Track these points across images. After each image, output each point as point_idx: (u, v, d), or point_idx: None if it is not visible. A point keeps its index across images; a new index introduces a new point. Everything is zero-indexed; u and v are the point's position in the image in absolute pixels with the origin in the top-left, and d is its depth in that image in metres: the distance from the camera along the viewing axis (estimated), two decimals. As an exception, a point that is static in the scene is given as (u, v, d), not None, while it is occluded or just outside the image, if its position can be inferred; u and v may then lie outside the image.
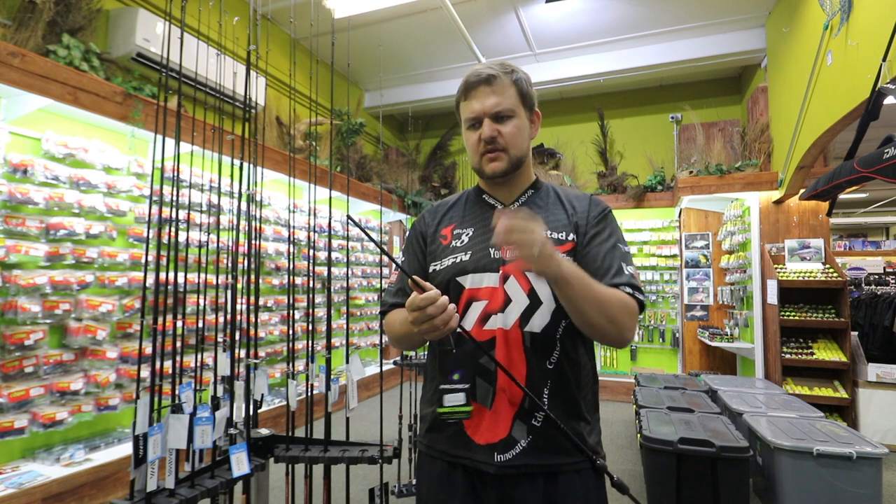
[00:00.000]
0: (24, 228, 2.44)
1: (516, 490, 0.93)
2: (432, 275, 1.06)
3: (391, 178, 6.32)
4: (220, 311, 2.44)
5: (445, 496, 0.98)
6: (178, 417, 1.40)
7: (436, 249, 1.08)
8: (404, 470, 2.98)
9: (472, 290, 1.00)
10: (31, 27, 2.63)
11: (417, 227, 1.15)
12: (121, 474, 2.64)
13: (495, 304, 0.97)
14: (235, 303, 1.76)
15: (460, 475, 0.98)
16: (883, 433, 3.61)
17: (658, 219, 5.57)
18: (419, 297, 0.84)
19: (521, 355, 0.95)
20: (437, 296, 0.84)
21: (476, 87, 1.00)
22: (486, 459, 0.93)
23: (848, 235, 13.73)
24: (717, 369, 4.91)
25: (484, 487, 0.96)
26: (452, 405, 0.88)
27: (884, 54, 2.42)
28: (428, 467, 1.03)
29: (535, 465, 0.93)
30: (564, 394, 0.96)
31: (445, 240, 1.07)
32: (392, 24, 4.86)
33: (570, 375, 0.97)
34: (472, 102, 1.01)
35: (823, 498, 2.33)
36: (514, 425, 0.94)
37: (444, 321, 0.84)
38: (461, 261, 1.02)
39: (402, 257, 1.16)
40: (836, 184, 2.69)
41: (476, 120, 1.01)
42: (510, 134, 1.00)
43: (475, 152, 1.03)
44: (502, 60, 1.04)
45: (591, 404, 1.02)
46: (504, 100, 0.99)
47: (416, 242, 1.13)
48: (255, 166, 2.04)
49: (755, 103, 4.89)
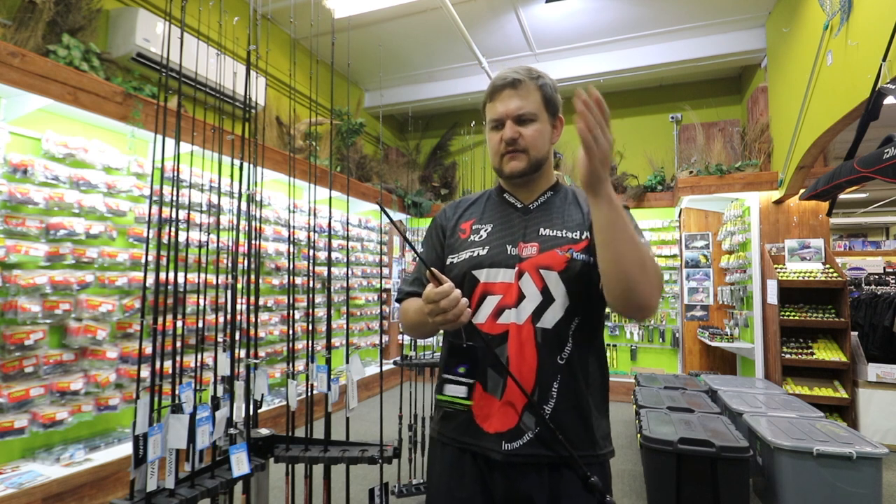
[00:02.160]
0: (24, 228, 2.44)
1: (522, 479, 0.96)
2: (449, 267, 1.09)
3: (391, 178, 6.32)
4: (220, 311, 2.44)
5: (455, 482, 1.02)
6: (178, 417, 1.40)
7: (454, 243, 1.11)
8: (404, 470, 2.98)
9: (487, 283, 1.03)
10: (31, 27, 2.62)
11: (438, 219, 1.19)
12: (121, 474, 2.64)
13: (509, 300, 1.00)
14: (235, 303, 1.76)
15: (469, 462, 1.01)
16: (883, 433, 3.61)
17: (658, 219, 5.57)
18: (434, 289, 0.88)
19: (533, 350, 0.98)
20: (450, 289, 0.88)
21: (501, 90, 1.04)
22: (494, 447, 0.96)
23: (848, 235, 13.73)
24: (717, 369, 4.91)
25: (491, 474, 0.99)
26: (453, 395, 0.93)
27: (884, 54, 2.42)
28: (440, 453, 1.07)
29: (543, 455, 0.95)
30: (574, 388, 0.98)
31: (464, 234, 1.11)
32: (392, 24, 4.86)
33: (580, 371, 0.99)
34: (497, 104, 1.05)
35: (823, 498, 2.33)
36: (524, 416, 0.96)
37: (455, 315, 0.88)
38: (478, 255, 1.05)
39: (421, 248, 1.19)
40: (836, 184, 2.69)
41: (499, 121, 1.05)
42: (531, 136, 1.03)
43: (496, 153, 1.07)
44: (530, 67, 1.08)
45: (600, 399, 1.03)
46: (527, 104, 1.03)
47: (436, 234, 1.17)
48: (255, 166, 2.04)
49: (755, 103, 4.89)
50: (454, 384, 0.93)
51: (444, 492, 1.04)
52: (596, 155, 0.80)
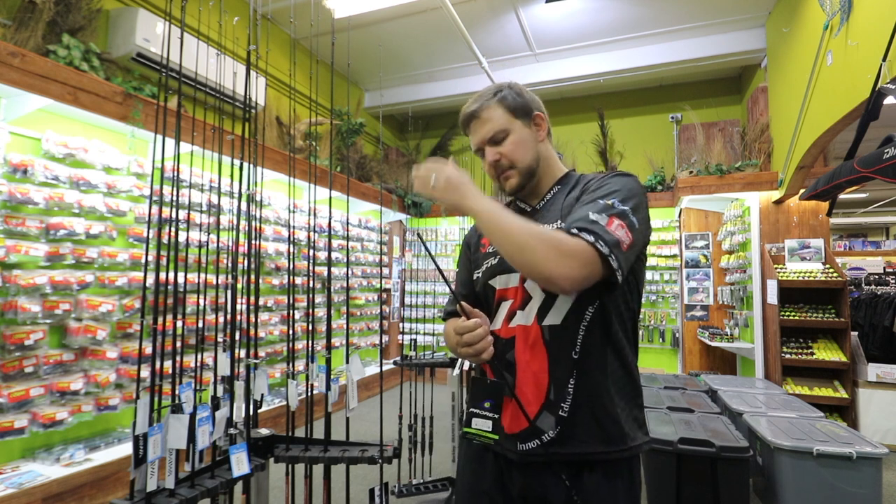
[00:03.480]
0: (24, 228, 2.44)
1: (539, 479, 0.97)
2: (476, 282, 1.15)
3: (391, 178, 6.32)
4: (220, 311, 2.44)
5: (476, 478, 1.07)
6: (178, 417, 1.40)
7: (477, 258, 1.16)
8: (404, 470, 2.98)
9: (502, 290, 1.07)
10: (31, 27, 2.62)
11: (467, 238, 1.25)
12: (121, 474, 2.64)
13: (518, 303, 1.03)
14: (235, 303, 1.76)
15: (491, 460, 1.04)
16: (883, 433, 3.61)
17: (658, 219, 5.56)
18: (461, 324, 0.96)
19: (542, 349, 0.98)
20: (475, 325, 0.95)
21: (468, 125, 1.11)
22: (511, 447, 0.99)
23: (848, 235, 13.73)
24: (717, 369, 4.91)
25: (510, 473, 1.01)
26: (479, 429, 0.98)
27: (884, 54, 2.42)
28: (466, 448, 1.12)
29: (562, 453, 0.95)
30: (593, 381, 0.96)
31: (483, 248, 1.15)
32: (392, 24, 4.86)
33: (597, 363, 0.96)
34: (471, 137, 1.12)
35: (823, 498, 2.32)
36: (540, 416, 0.96)
37: (476, 351, 0.95)
38: (491, 265, 1.09)
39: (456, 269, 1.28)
40: (836, 184, 2.69)
41: (479, 150, 1.11)
42: (510, 150, 1.06)
43: (491, 176, 1.13)
44: (490, 85, 1.12)
45: (626, 388, 0.99)
46: (493, 124, 1.06)
47: (465, 254, 1.23)
48: (255, 166, 2.04)
49: (755, 103, 4.89)
50: (480, 418, 0.98)
51: (467, 484, 1.09)
52: (433, 193, 0.96)
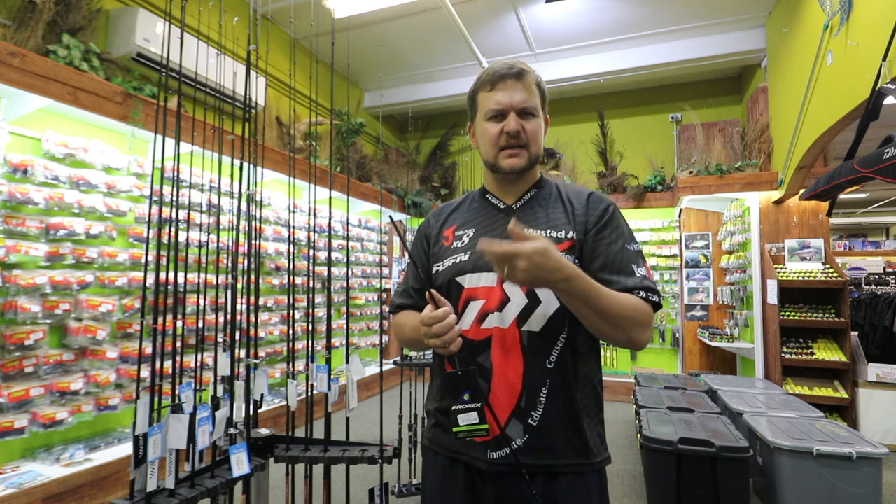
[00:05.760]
0: (24, 228, 2.44)
1: (511, 488, 0.94)
2: (435, 276, 1.07)
3: (391, 178, 6.32)
4: (220, 311, 2.44)
5: (447, 492, 1.01)
6: (178, 417, 1.40)
7: (438, 251, 1.09)
8: (404, 470, 2.98)
9: (471, 289, 1.00)
10: (31, 27, 2.62)
11: (422, 229, 1.17)
12: (121, 474, 2.64)
13: (492, 304, 0.97)
14: (235, 303, 1.76)
15: (461, 471, 0.99)
16: (883, 433, 3.61)
17: (658, 219, 5.57)
18: (430, 314, 0.89)
19: (519, 354, 0.95)
20: (444, 315, 0.88)
21: (505, 79, 0.99)
22: (480, 456, 0.95)
23: (848, 235, 13.73)
24: (717, 369, 4.91)
25: (483, 484, 0.97)
26: (468, 424, 0.91)
27: (884, 54, 2.42)
28: (432, 462, 1.06)
29: (531, 464, 0.93)
30: (564, 393, 0.95)
31: (447, 241, 1.09)
32: (392, 24, 4.86)
33: (571, 375, 0.96)
34: (498, 94, 0.99)
35: (823, 498, 2.32)
36: (510, 423, 0.94)
37: (446, 341, 0.88)
38: (460, 261, 1.03)
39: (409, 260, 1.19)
40: (836, 184, 2.69)
41: (500, 112, 0.99)
42: (533, 132, 1.00)
43: (493, 145, 1.02)
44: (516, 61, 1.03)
45: (592, 403, 1.00)
46: (531, 97, 1.00)
47: (420, 245, 1.16)
48: (255, 166, 2.04)
49: (755, 103, 4.89)
50: (464, 413, 0.91)
51: (436, 499, 1.03)
52: (511, 279, 0.83)
